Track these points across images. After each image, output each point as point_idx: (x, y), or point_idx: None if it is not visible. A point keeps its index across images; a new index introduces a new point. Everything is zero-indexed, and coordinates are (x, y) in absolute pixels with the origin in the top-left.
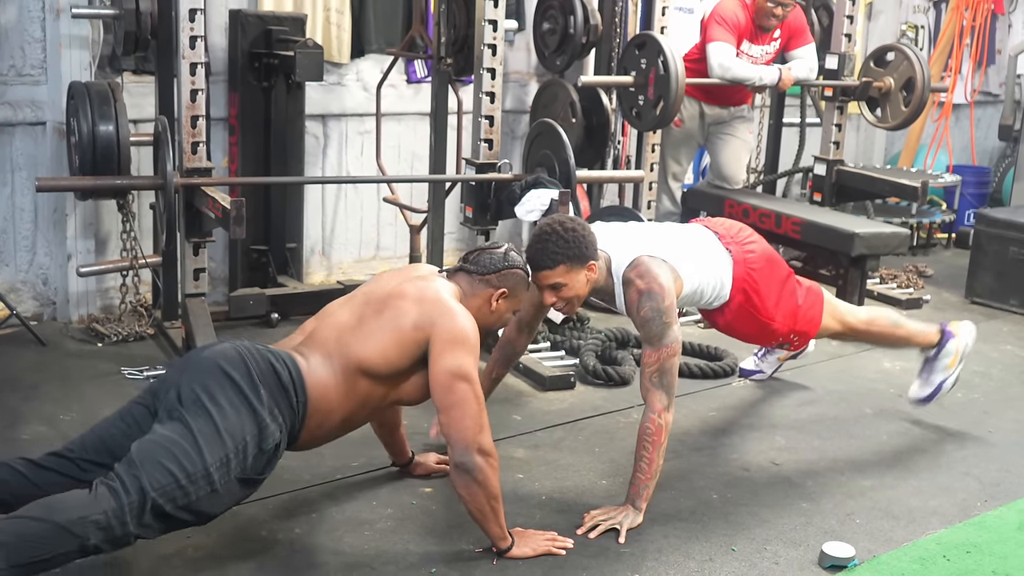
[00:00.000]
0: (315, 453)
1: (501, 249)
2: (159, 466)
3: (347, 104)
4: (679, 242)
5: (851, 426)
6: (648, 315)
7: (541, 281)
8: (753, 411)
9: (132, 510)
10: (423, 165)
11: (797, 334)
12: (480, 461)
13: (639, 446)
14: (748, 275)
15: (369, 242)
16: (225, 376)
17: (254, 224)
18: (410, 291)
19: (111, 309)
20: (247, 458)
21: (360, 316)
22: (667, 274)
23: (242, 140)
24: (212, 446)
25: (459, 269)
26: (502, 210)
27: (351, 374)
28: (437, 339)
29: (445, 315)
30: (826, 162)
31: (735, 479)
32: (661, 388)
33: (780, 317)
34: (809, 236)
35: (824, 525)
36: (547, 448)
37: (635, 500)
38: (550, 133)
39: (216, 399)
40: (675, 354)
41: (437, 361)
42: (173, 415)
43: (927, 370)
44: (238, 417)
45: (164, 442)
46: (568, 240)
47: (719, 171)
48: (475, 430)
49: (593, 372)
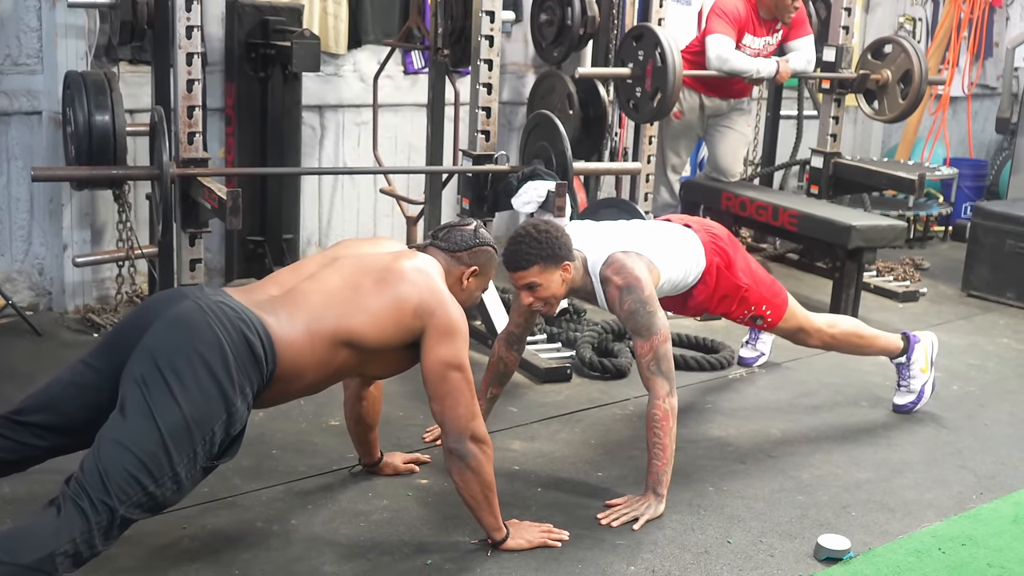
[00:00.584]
0: (309, 445)
1: (471, 226)
2: (126, 476)
3: (344, 95)
4: (648, 234)
5: (847, 418)
6: (632, 307)
7: (517, 281)
8: (749, 403)
9: (100, 529)
10: (420, 156)
11: (769, 306)
12: (473, 448)
13: (650, 433)
14: (714, 240)
15: (366, 233)
16: (195, 353)
17: (250, 215)
18: (410, 273)
19: (107, 299)
20: (213, 446)
21: (355, 286)
22: (642, 266)
23: (239, 131)
24: (180, 443)
25: (429, 244)
26: (499, 202)
27: (335, 343)
28: (433, 330)
29: (442, 305)
30: (823, 154)
31: (731, 471)
32: (660, 374)
33: (752, 283)
34: (806, 229)
35: (820, 517)
36: (543, 440)
37: (656, 487)
38: (547, 125)
39: (184, 382)
40: (666, 340)
41: (432, 351)
42: (137, 402)
43: (903, 377)
44: (207, 403)
45: (128, 443)
46: (541, 241)
47: (716, 163)
48: (468, 417)
49: (589, 364)
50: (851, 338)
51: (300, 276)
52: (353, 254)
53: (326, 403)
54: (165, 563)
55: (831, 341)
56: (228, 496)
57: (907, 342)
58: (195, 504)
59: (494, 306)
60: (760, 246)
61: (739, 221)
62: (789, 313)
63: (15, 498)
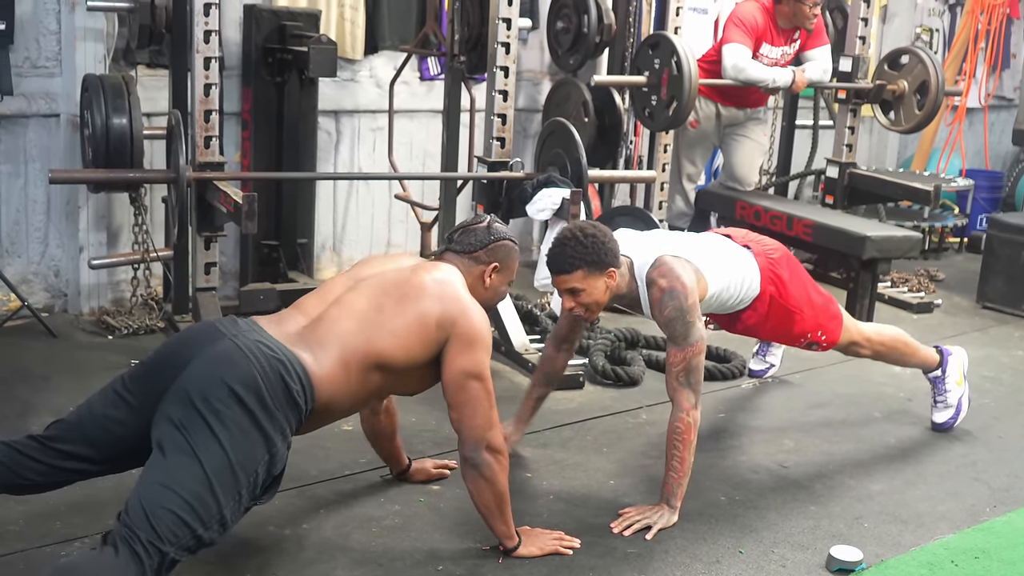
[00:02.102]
0: (322, 449)
1: (483, 223)
2: (174, 519)
3: (360, 100)
4: (700, 246)
5: (860, 429)
6: (671, 315)
7: (559, 285)
8: (762, 413)
9: (152, 570)
10: (435, 162)
11: (824, 330)
12: (489, 458)
13: (670, 445)
14: (772, 267)
15: (380, 239)
16: (233, 397)
17: (265, 219)
18: (430, 286)
19: (122, 302)
20: (257, 487)
21: (379, 307)
22: (690, 273)
23: (255, 135)
24: (225, 486)
25: (446, 250)
26: (513, 208)
27: (367, 368)
28: (456, 339)
29: (465, 314)
30: (838, 165)
31: (743, 481)
32: (688, 387)
33: (808, 309)
34: (821, 239)
35: (832, 528)
36: (555, 447)
37: (670, 499)
38: (562, 132)
39: (226, 425)
40: (701, 352)
41: (454, 361)
42: (179, 445)
43: (939, 392)
44: (249, 446)
45: (176, 486)
46: (587, 246)
47: (732, 172)
48: (485, 427)
49: (602, 372)
50: (898, 345)
51: (326, 302)
52: (375, 273)
53: None
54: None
55: (881, 349)
56: None
57: (941, 355)
58: None
59: (508, 315)
60: None
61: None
62: (844, 331)
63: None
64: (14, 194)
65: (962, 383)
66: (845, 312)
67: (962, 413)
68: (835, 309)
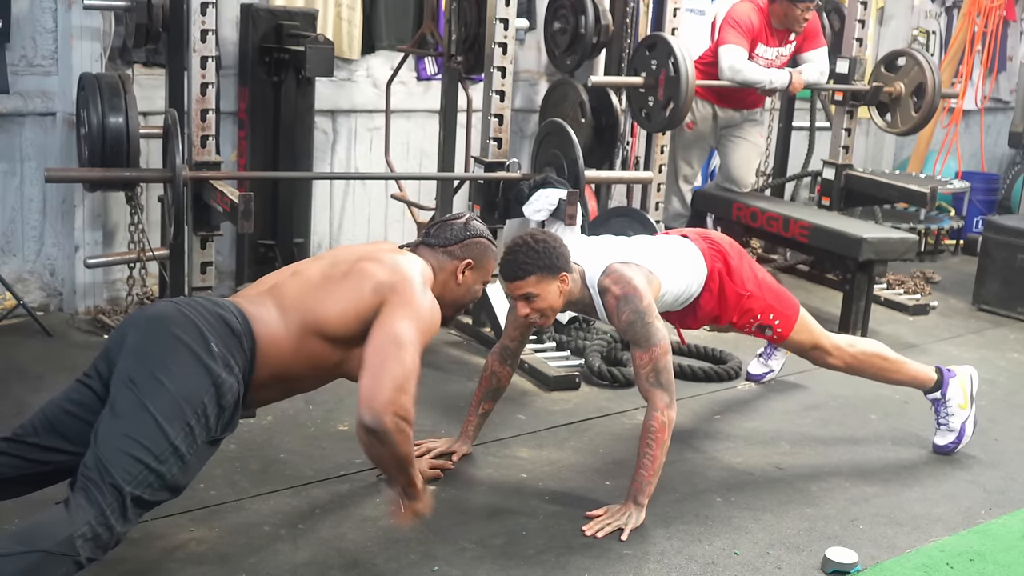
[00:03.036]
0: (318, 449)
1: (462, 219)
2: (126, 456)
3: (357, 100)
4: (646, 248)
5: (856, 431)
6: (629, 318)
7: (513, 292)
8: (757, 415)
9: (113, 510)
10: (432, 163)
11: (776, 314)
12: (391, 423)
13: (643, 443)
14: (714, 247)
15: (376, 238)
16: (172, 338)
17: (262, 219)
18: (379, 258)
19: (117, 301)
20: (208, 419)
21: (326, 276)
22: (640, 276)
23: (251, 134)
24: (171, 418)
25: (420, 243)
26: (510, 209)
27: (305, 331)
28: (388, 304)
29: (406, 282)
30: (835, 166)
31: (739, 483)
32: (660, 386)
33: (756, 289)
34: (817, 240)
35: (827, 530)
36: (551, 448)
37: (637, 496)
38: (559, 133)
39: (167, 366)
40: (665, 352)
41: (383, 321)
42: (124, 394)
43: (941, 415)
44: (192, 379)
45: (123, 429)
46: (539, 251)
47: (728, 174)
48: (395, 390)
49: (598, 373)
50: (874, 359)
51: (284, 275)
52: (335, 252)
53: (334, 408)
54: (173, 565)
55: (852, 361)
56: (236, 500)
57: (940, 376)
58: (203, 507)
59: (501, 311)
60: (770, 257)
61: (750, 232)
62: (800, 325)
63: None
64: (10, 193)
65: (967, 406)
66: (807, 314)
67: (965, 438)
68: (789, 300)
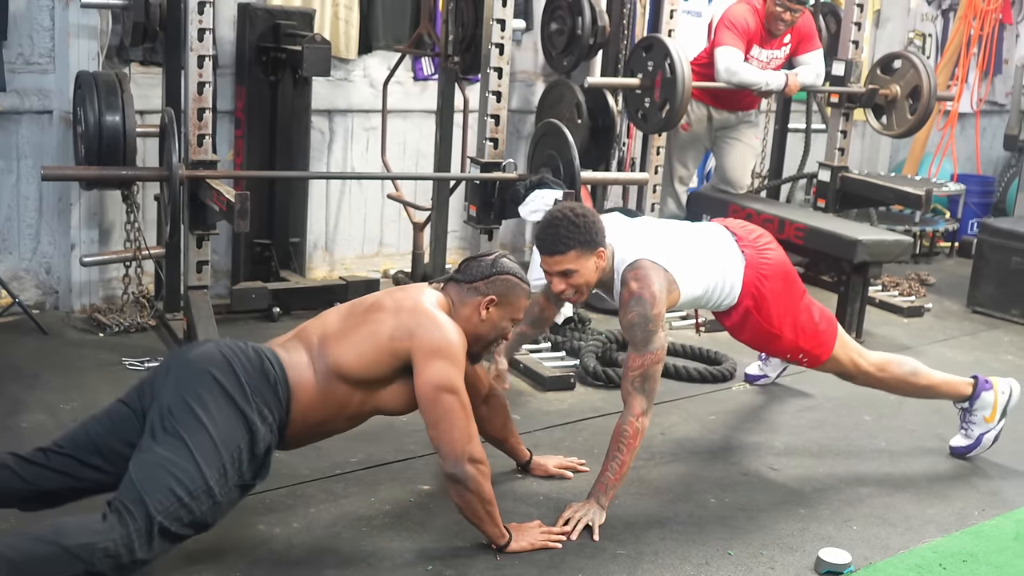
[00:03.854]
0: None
1: (491, 257)
2: (162, 488)
3: (353, 100)
4: (689, 243)
5: (850, 433)
6: (635, 320)
7: (551, 267)
8: (752, 416)
9: (140, 536)
10: (428, 163)
11: (806, 354)
12: (472, 471)
13: (613, 446)
14: (758, 281)
15: (372, 238)
16: (214, 382)
17: (258, 218)
18: (387, 303)
19: (113, 299)
20: (242, 464)
21: (345, 323)
22: (662, 283)
23: (248, 134)
24: (209, 460)
25: (449, 279)
26: (506, 209)
27: (329, 377)
28: (417, 351)
29: (423, 325)
30: (831, 168)
31: (733, 483)
32: (642, 392)
33: (788, 331)
34: (812, 242)
35: (821, 531)
36: (546, 448)
37: (599, 497)
38: (555, 133)
39: (207, 407)
40: (659, 361)
41: (420, 375)
42: (167, 428)
43: (965, 422)
44: (229, 425)
45: (163, 461)
46: (579, 226)
47: (724, 175)
48: (463, 441)
49: (593, 373)
50: (908, 379)
51: (312, 321)
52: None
53: None
54: (166, 564)
55: (880, 385)
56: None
57: (975, 387)
58: None
59: None
60: None
61: None
62: (832, 360)
63: None
64: (6, 191)
65: (993, 419)
66: (845, 339)
67: (980, 448)
68: (826, 336)
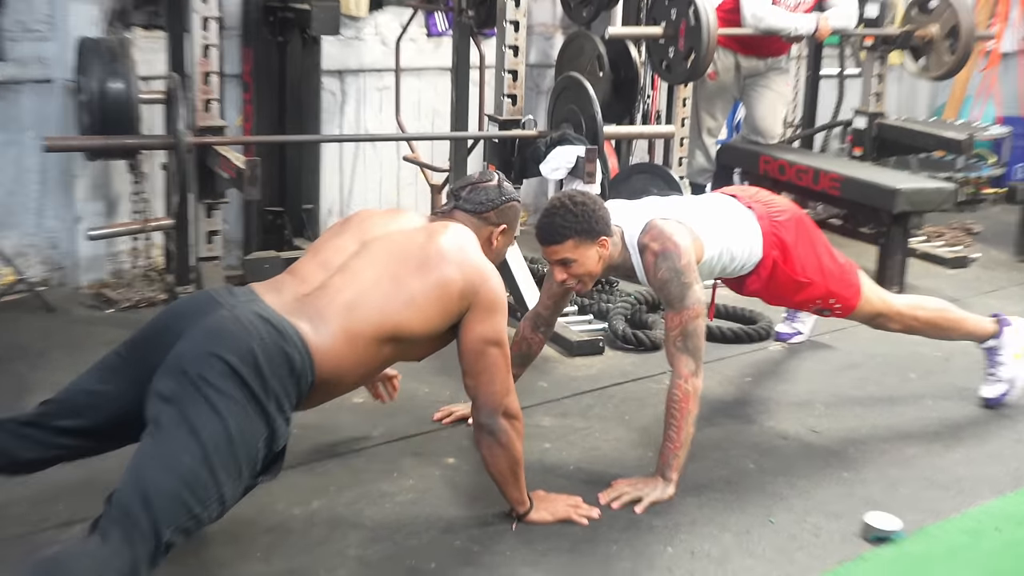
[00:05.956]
0: (332, 423)
1: (494, 181)
2: (170, 499)
3: (365, 59)
4: (696, 209)
5: (895, 391)
6: (665, 276)
7: (550, 256)
8: (791, 376)
9: (146, 558)
10: (444, 122)
11: (837, 298)
12: (505, 424)
13: (667, 414)
14: (776, 230)
15: (388, 202)
16: (230, 370)
17: (269, 185)
18: (450, 253)
19: (121, 274)
20: (258, 464)
21: (394, 276)
22: (683, 233)
23: (256, 97)
24: (225, 462)
25: (455, 208)
26: (526, 168)
27: (379, 341)
28: (477, 307)
29: (486, 282)
30: (867, 115)
31: (772, 447)
32: (687, 352)
33: (817, 276)
34: (849, 193)
35: (867, 495)
36: (575, 416)
37: (664, 471)
38: (576, 88)
39: (224, 398)
40: (698, 315)
41: (474, 328)
42: (171, 416)
43: (992, 364)
44: (248, 420)
45: (172, 463)
46: (577, 214)
47: (754, 125)
48: (502, 393)
49: (623, 337)
50: (938, 321)
51: (328, 268)
52: (381, 235)
53: None
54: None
55: (915, 324)
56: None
57: (999, 325)
58: None
59: (523, 278)
60: None
61: (778, 186)
62: (863, 301)
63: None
64: (8, 164)
65: (1021, 356)
66: (869, 282)
67: (1016, 390)
68: (852, 277)
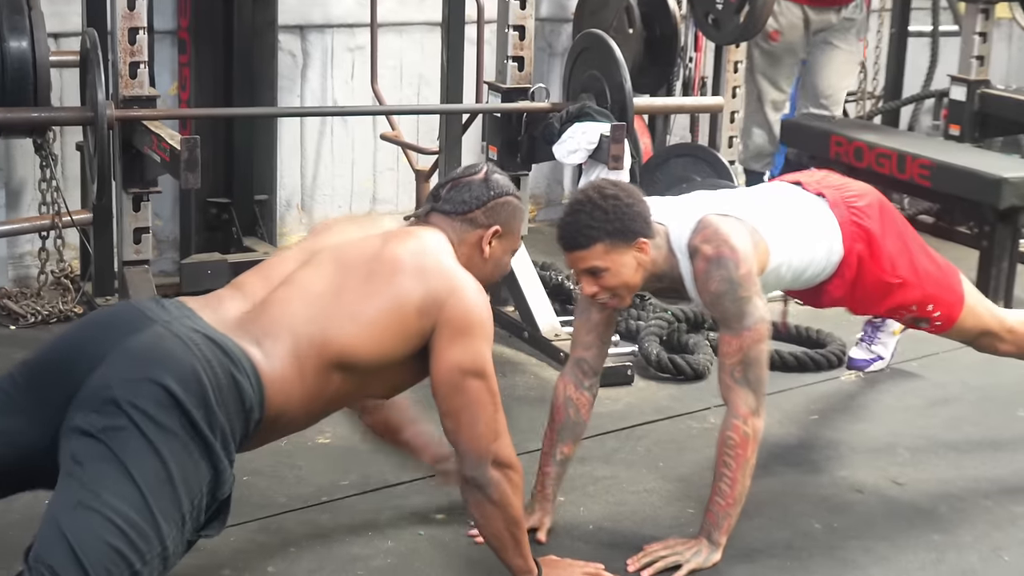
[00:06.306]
0: (292, 469)
1: (479, 174)
2: (107, 550)
3: (333, 12)
4: (758, 203)
5: (999, 433)
6: (719, 288)
7: (575, 264)
8: (868, 414)
9: None
10: (433, 92)
11: (936, 303)
12: (496, 476)
13: (719, 462)
14: (858, 217)
15: (363, 192)
16: (170, 398)
17: (212, 170)
18: (406, 260)
19: (27, 281)
20: (200, 512)
21: (338, 288)
22: (742, 234)
23: (196, 60)
24: (165, 509)
25: (431, 210)
26: (536, 150)
27: (325, 368)
28: (445, 327)
29: (455, 293)
30: (966, 83)
31: (844, 503)
32: (746, 385)
33: (911, 275)
34: (942, 183)
35: (962, 563)
36: (596, 462)
37: (711, 532)
38: (599, 48)
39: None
40: (761, 339)
41: (444, 355)
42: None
43: None
44: (191, 459)
45: (104, 509)
46: (607, 210)
47: (815, 89)
48: (489, 437)
49: (657, 363)
50: None
51: (272, 281)
52: (335, 244)
53: None
54: None
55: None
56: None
57: None
58: None
59: (533, 290)
60: None
61: (853, 173)
62: (967, 313)
63: None
64: None
65: None
66: (975, 290)
67: None
68: (954, 282)
